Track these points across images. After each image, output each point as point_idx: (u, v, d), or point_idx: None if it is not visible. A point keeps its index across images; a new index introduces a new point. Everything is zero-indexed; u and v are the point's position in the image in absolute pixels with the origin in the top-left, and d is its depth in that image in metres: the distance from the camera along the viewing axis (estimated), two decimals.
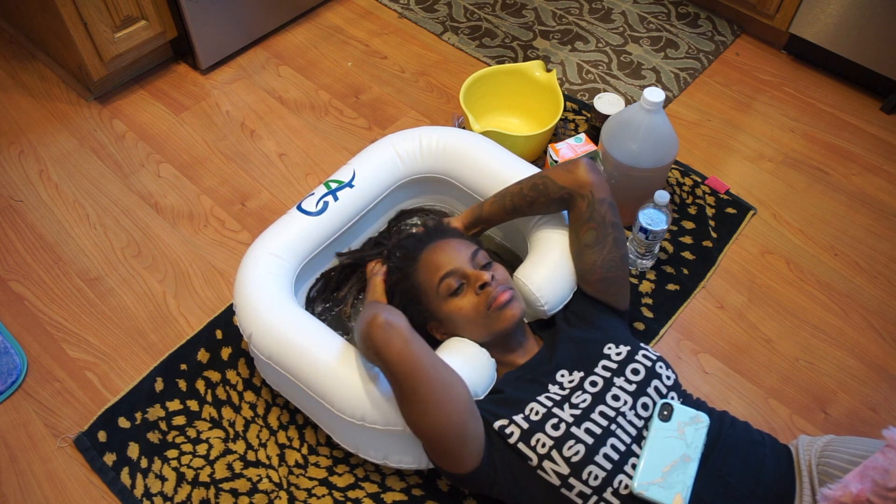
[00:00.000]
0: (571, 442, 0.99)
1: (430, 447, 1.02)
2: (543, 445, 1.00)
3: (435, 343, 1.24)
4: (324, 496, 1.21)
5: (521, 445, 1.01)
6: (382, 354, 0.96)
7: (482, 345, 1.14)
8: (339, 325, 1.36)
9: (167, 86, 1.89)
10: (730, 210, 1.62)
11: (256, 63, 1.95)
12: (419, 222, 1.47)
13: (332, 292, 1.38)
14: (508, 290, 1.12)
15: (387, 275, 1.25)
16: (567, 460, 0.99)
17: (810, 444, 1.02)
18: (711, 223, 1.60)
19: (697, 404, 1.10)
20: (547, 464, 1.00)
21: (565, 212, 1.28)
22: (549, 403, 1.05)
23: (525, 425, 1.02)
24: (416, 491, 1.21)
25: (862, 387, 1.36)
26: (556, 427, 1.01)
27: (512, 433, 1.02)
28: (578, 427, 1.01)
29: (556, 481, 0.99)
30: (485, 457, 1.02)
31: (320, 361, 1.09)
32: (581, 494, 0.98)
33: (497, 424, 1.03)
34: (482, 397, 1.09)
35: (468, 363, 1.08)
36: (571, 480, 0.98)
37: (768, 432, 1.10)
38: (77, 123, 1.79)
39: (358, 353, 1.11)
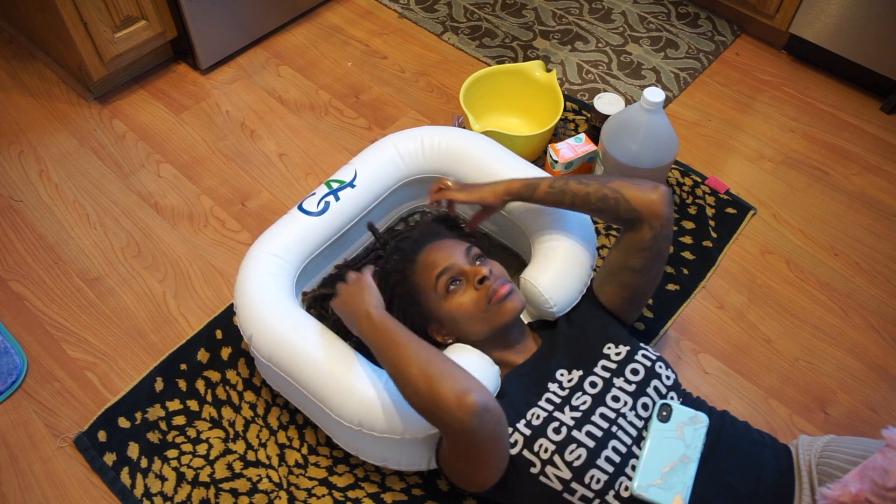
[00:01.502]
0: (573, 446, 0.99)
1: (464, 482, 1.03)
2: (546, 451, 1.00)
3: (436, 346, 1.24)
4: (324, 496, 1.21)
5: (525, 452, 1.01)
6: (471, 440, 0.92)
7: (481, 342, 1.14)
8: (341, 326, 1.36)
9: (167, 86, 1.89)
10: (730, 210, 1.62)
11: (256, 63, 1.96)
12: (412, 223, 1.46)
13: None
14: (507, 283, 1.12)
15: (380, 276, 1.23)
16: (569, 465, 0.98)
17: (810, 444, 1.02)
18: (711, 223, 1.60)
19: (697, 403, 1.10)
20: (549, 469, 0.99)
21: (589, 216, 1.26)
22: (550, 407, 1.04)
23: (527, 431, 1.02)
24: (415, 491, 1.21)
25: (862, 387, 1.37)
26: (557, 431, 1.01)
27: (516, 441, 1.02)
28: (580, 430, 1.01)
29: (558, 486, 0.99)
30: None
31: (320, 365, 1.09)
32: (583, 498, 0.98)
33: None
34: None
35: (473, 373, 1.07)
36: (574, 485, 0.98)
37: (768, 432, 1.10)
38: (77, 123, 1.79)
39: (358, 356, 1.11)
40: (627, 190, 1.13)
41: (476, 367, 1.08)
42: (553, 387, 1.08)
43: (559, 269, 1.21)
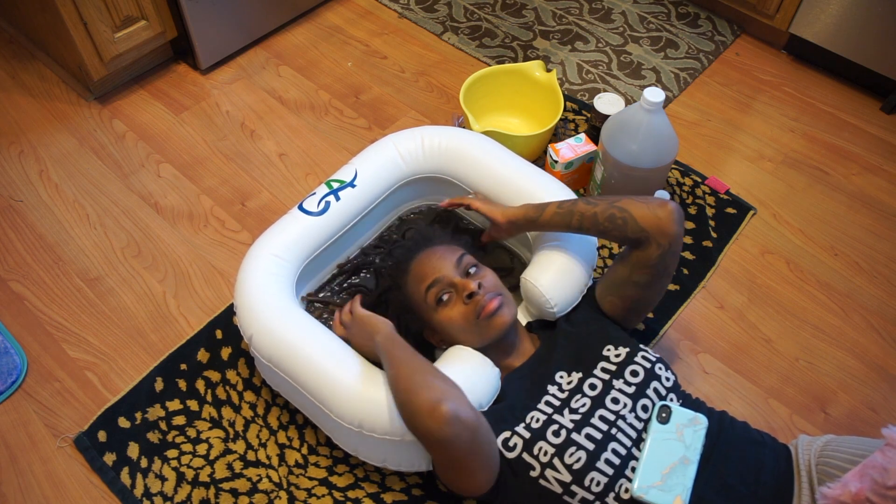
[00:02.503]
0: (573, 449, 0.99)
1: (455, 486, 1.03)
2: (545, 454, 1.00)
3: (433, 349, 1.24)
4: (323, 496, 1.21)
5: (524, 455, 1.01)
6: (446, 449, 0.94)
7: (477, 349, 1.14)
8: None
9: (167, 86, 1.89)
10: (730, 210, 1.62)
11: (256, 63, 1.96)
12: (405, 229, 1.45)
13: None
14: (497, 297, 1.10)
15: (374, 279, 1.24)
16: (569, 468, 0.98)
17: (810, 444, 1.02)
18: (711, 223, 1.60)
19: (696, 404, 1.10)
20: (549, 472, 0.99)
21: None
22: (549, 410, 1.04)
23: (527, 434, 1.02)
24: (415, 491, 1.21)
25: (862, 387, 1.37)
26: (556, 434, 1.01)
27: (515, 445, 1.02)
28: (579, 433, 1.01)
29: (558, 489, 0.99)
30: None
31: (320, 366, 1.09)
32: (583, 501, 0.98)
33: (500, 438, 1.03)
34: (486, 408, 1.08)
35: (472, 375, 1.07)
36: (574, 488, 0.98)
37: (768, 432, 1.10)
38: (77, 123, 1.79)
39: (357, 357, 1.11)
40: (635, 208, 1.10)
41: (476, 369, 1.08)
42: (552, 389, 1.08)
43: (560, 269, 1.21)
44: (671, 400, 1.07)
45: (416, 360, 1.02)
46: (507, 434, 1.03)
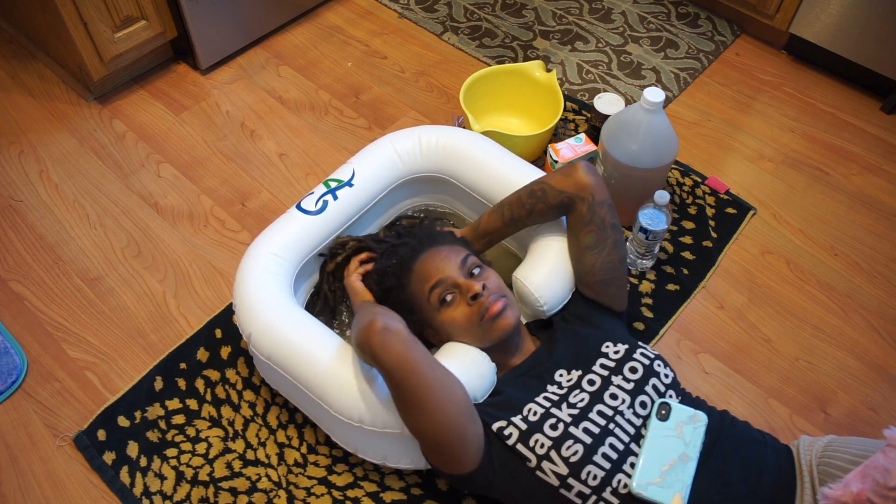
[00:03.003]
0: (570, 442, 0.99)
1: (429, 449, 1.02)
2: (542, 446, 1.00)
3: (433, 349, 1.24)
4: (323, 495, 1.21)
5: (519, 446, 1.01)
6: (381, 359, 0.95)
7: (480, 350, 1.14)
8: (339, 324, 1.36)
9: (167, 86, 1.89)
10: (730, 210, 1.62)
11: (256, 63, 1.96)
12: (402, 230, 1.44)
13: (333, 306, 1.35)
14: (501, 299, 1.10)
15: (376, 276, 1.24)
16: (566, 460, 0.98)
17: (811, 445, 1.02)
18: (711, 223, 1.60)
19: (697, 403, 1.10)
20: (546, 464, 0.99)
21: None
22: (548, 404, 1.05)
23: (523, 426, 1.02)
24: (415, 490, 1.21)
25: (862, 387, 1.36)
26: (554, 427, 1.01)
27: (510, 434, 1.02)
28: (577, 427, 1.01)
29: (554, 482, 0.99)
30: (483, 458, 1.02)
31: (319, 363, 1.09)
32: (580, 494, 0.98)
33: (496, 426, 1.03)
34: (482, 401, 1.09)
35: (468, 368, 1.08)
36: (570, 480, 0.98)
37: (768, 432, 1.10)
38: (77, 123, 1.79)
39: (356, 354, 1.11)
40: (549, 178, 1.21)
41: (472, 363, 1.09)
42: (552, 387, 1.08)
43: (551, 268, 1.21)
44: (670, 396, 1.07)
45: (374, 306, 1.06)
46: (502, 423, 1.03)
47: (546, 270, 1.21)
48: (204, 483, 1.22)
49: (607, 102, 1.67)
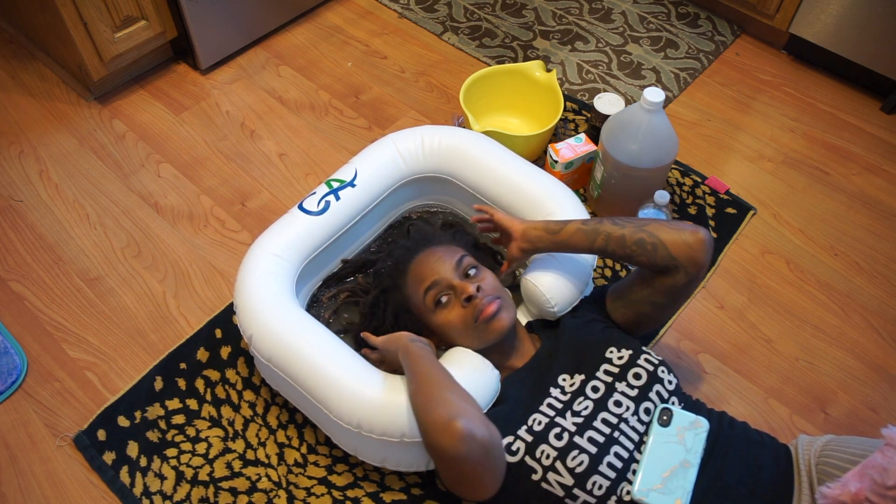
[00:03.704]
0: (575, 452, 0.99)
1: (452, 480, 1.00)
2: (548, 457, 0.99)
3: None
4: (323, 495, 1.21)
5: (527, 459, 1.01)
6: (458, 465, 0.92)
7: (476, 351, 1.13)
8: (340, 327, 1.36)
9: (167, 86, 1.89)
10: (730, 210, 1.62)
11: (256, 63, 1.96)
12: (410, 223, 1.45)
13: (378, 322, 1.26)
14: (495, 301, 1.10)
15: (373, 280, 1.23)
16: (571, 471, 0.98)
17: (810, 444, 1.02)
18: (711, 223, 1.60)
19: (696, 406, 1.10)
20: (551, 475, 0.99)
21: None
22: (552, 413, 1.04)
23: (529, 438, 1.01)
24: (415, 490, 1.21)
25: (862, 387, 1.36)
26: (559, 437, 1.00)
27: (518, 449, 1.01)
28: (581, 436, 1.00)
29: (559, 492, 0.98)
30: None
31: (319, 366, 1.09)
32: None
33: (504, 443, 1.02)
34: (486, 411, 1.08)
35: (472, 377, 1.07)
36: (576, 491, 0.97)
37: (768, 432, 1.10)
38: (77, 123, 1.79)
39: (358, 358, 1.11)
40: (666, 234, 1.06)
41: (475, 372, 1.08)
42: (555, 392, 1.07)
43: (561, 269, 1.21)
44: (673, 403, 1.07)
45: (434, 374, 1.00)
46: (510, 439, 1.02)
47: (557, 272, 1.20)
48: (204, 483, 1.22)
49: (607, 102, 1.67)
